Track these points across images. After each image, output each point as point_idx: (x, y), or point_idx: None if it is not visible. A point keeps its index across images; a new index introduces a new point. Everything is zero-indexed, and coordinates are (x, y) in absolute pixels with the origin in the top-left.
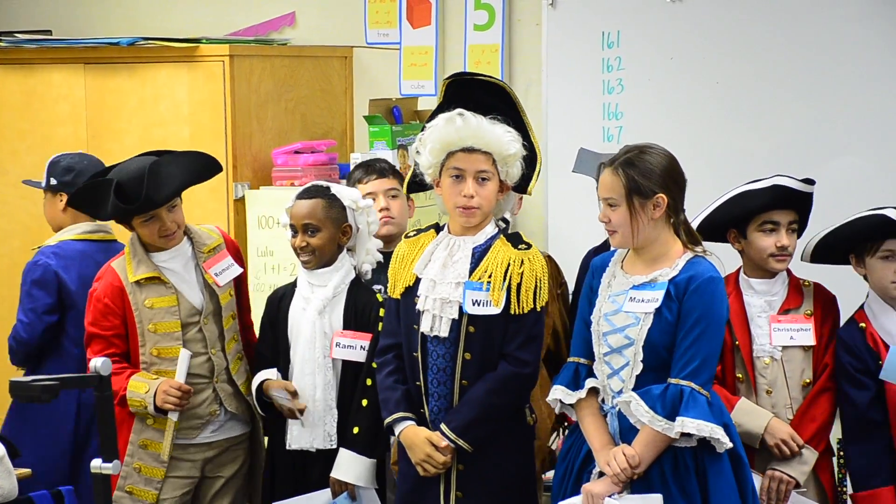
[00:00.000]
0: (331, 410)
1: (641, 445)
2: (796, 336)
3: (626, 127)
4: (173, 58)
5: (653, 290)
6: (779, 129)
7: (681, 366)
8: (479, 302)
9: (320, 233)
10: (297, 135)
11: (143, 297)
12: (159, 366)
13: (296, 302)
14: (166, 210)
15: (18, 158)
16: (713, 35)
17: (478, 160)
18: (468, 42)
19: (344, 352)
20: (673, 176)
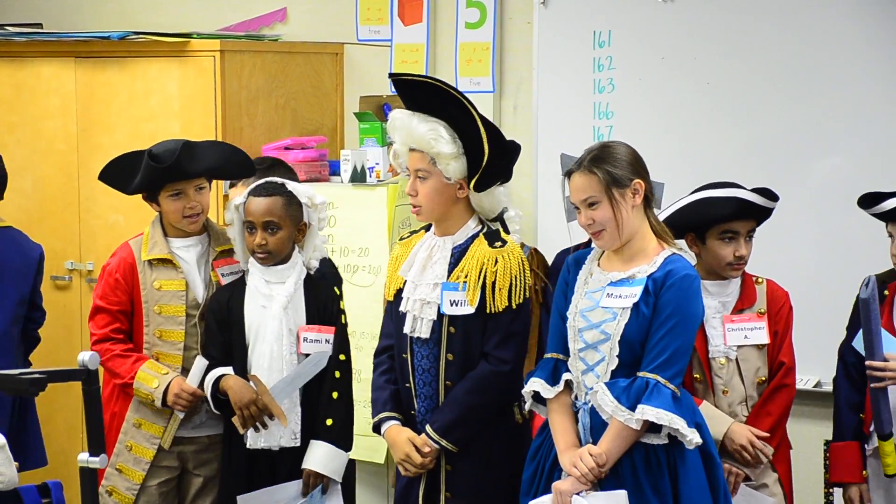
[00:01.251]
0: (296, 407)
1: (608, 441)
2: (750, 335)
3: (617, 126)
4: (164, 52)
5: (631, 287)
6: (769, 129)
7: (650, 358)
8: (455, 302)
9: (280, 231)
10: (288, 131)
11: (152, 278)
12: (160, 348)
13: (252, 301)
14: (194, 189)
15: (8, 152)
16: (704, 35)
17: (415, 159)
18: (459, 40)
19: (312, 346)
20: (640, 162)
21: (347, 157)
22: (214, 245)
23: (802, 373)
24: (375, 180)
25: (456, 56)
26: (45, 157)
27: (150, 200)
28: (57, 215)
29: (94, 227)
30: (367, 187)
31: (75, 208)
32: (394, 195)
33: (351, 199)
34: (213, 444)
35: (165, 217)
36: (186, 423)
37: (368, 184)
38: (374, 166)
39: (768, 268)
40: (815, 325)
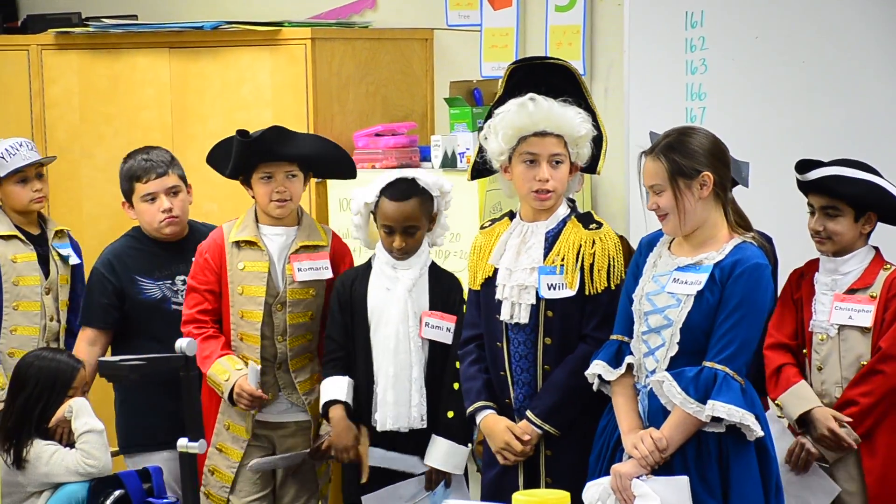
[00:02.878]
0: (422, 389)
1: (671, 428)
2: (855, 317)
3: (710, 107)
4: (256, 41)
5: (697, 273)
6: (866, 109)
7: (717, 350)
8: (554, 286)
9: (419, 231)
10: (378, 117)
11: (238, 259)
12: (243, 328)
13: (376, 283)
14: (284, 174)
15: (105, 142)
16: (798, 13)
17: (551, 144)
18: (549, 23)
19: (433, 332)
20: (716, 154)
21: (438, 142)
22: (298, 238)
23: None
24: (466, 165)
25: (546, 39)
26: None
27: (246, 185)
28: None
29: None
30: (457, 173)
31: None
32: (485, 180)
33: None
34: (300, 430)
35: (257, 201)
36: (272, 409)
37: (459, 169)
38: (464, 151)
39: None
40: None
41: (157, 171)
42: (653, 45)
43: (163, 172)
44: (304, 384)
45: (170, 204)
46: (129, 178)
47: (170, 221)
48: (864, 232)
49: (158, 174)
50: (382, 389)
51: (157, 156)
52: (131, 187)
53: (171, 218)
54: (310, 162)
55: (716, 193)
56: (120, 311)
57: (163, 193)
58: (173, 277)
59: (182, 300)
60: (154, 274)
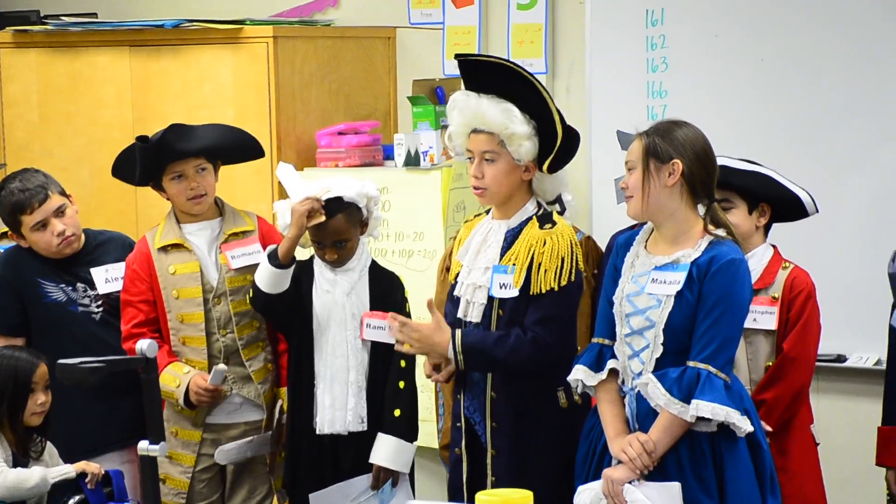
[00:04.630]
0: (361, 392)
1: (658, 430)
2: (759, 318)
3: (671, 105)
4: (217, 40)
5: (675, 272)
6: (825, 109)
7: (699, 348)
8: (504, 285)
9: (350, 241)
10: (341, 116)
11: (167, 264)
12: (185, 332)
13: (318, 285)
14: (194, 169)
15: (65, 141)
16: (758, 11)
17: (482, 141)
18: (511, 21)
19: (374, 332)
20: (697, 151)
21: (401, 141)
22: (225, 228)
23: (862, 351)
24: (429, 164)
25: (508, 38)
26: (101, 146)
27: (158, 189)
28: (114, 204)
29: (152, 216)
30: (420, 171)
31: (132, 197)
32: (448, 178)
33: (405, 183)
34: (251, 431)
35: (173, 202)
36: (221, 409)
37: (422, 168)
38: (427, 150)
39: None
40: (874, 303)
41: (37, 199)
42: (614, 43)
43: (44, 198)
44: (258, 373)
45: (62, 226)
46: (11, 212)
47: (67, 242)
48: (760, 225)
49: (40, 201)
50: (321, 393)
51: (31, 181)
52: (17, 221)
53: (66, 239)
54: (217, 152)
55: (685, 188)
56: (23, 315)
57: (51, 217)
58: (74, 283)
59: (87, 302)
60: (55, 278)
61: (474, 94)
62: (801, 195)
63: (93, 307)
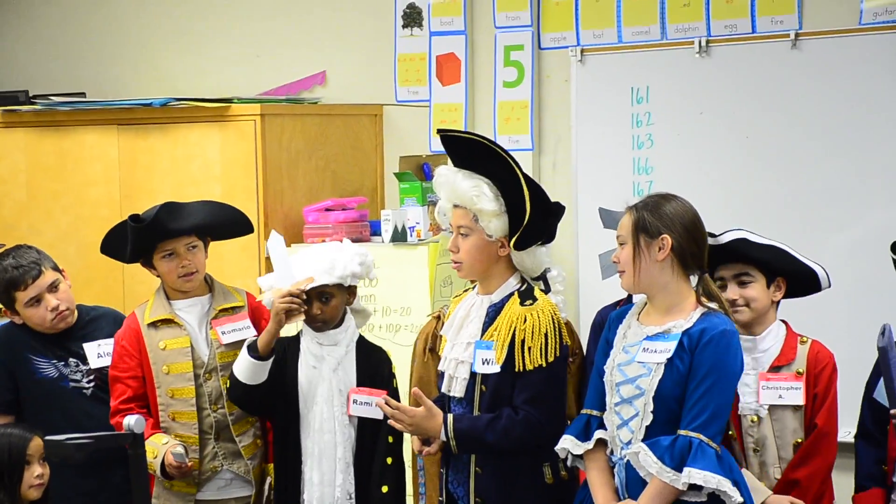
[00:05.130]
0: (349, 468)
1: (649, 498)
2: (785, 395)
3: (657, 181)
4: (205, 118)
5: (665, 342)
6: (810, 183)
7: (690, 417)
8: (487, 361)
9: (334, 299)
10: (328, 192)
11: (157, 339)
12: (175, 407)
13: (304, 360)
14: (185, 247)
15: (53, 219)
16: (742, 89)
17: (458, 215)
18: (497, 99)
19: (361, 409)
20: (686, 225)
21: (388, 216)
22: (215, 304)
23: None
24: (416, 239)
25: (494, 115)
26: (88, 224)
27: (148, 266)
28: (101, 281)
29: (139, 293)
30: (408, 247)
31: (119, 274)
32: (435, 254)
33: (392, 258)
34: None
35: (164, 280)
36: (211, 485)
37: (409, 243)
38: (414, 226)
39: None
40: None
41: (31, 275)
42: (600, 120)
43: (37, 273)
44: (248, 448)
45: (56, 301)
46: (6, 289)
47: (61, 317)
48: (775, 299)
49: (34, 277)
50: (308, 469)
51: (25, 258)
52: (11, 297)
53: (60, 314)
54: (207, 229)
55: (678, 262)
56: (14, 392)
57: (45, 293)
58: (67, 359)
59: (79, 377)
60: (47, 354)
61: (452, 169)
62: (816, 269)
63: (84, 382)
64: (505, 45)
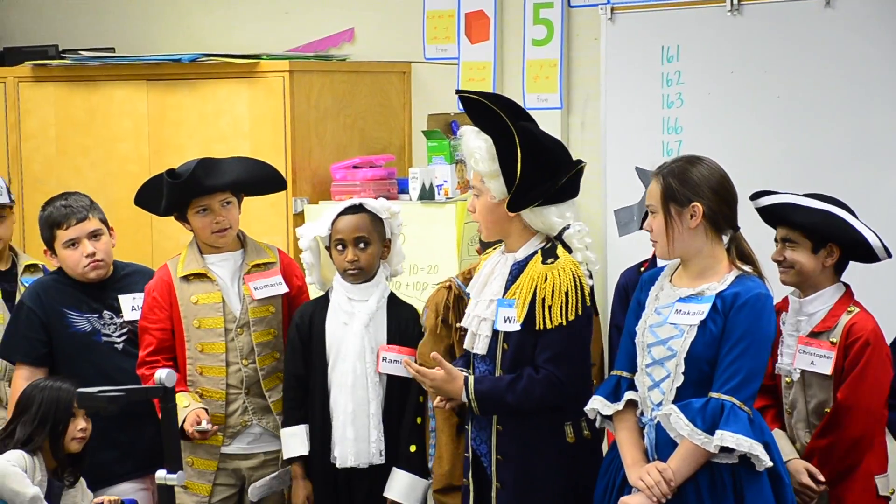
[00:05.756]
0: (380, 425)
1: (678, 460)
2: (817, 362)
3: (686, 141)
4: (234, 74)
5: (699, 304)
6: (840, 144)
7: (723, 380)
8: (509, 319)
9: (370, 247)
10: (356, 150)
11: (189, 293)
12: (203, 361)
13: (334, 317)
14: (219, 204)
15: (82, 174)
16: (774, 48)
17: (473, 176)
18: (526, 57)
19: (391, 366)
20: (714, 188)
21: (416, 174)
22: (248, 260)
23: None
24: (444, 198)
25: (523, 73)
26: (117, 180)
27: (182, 220)
28: (130, 237)
29: (167, 249)
30: (435, 205)
31: (148, 230)
32: (462, 212)
33: (419, 216)
34: (270, 461)
35: (197, 235)
36: (241, 439)
37: (437, 201)
38: (442, 184)
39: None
40: None
41: (77, 217)
42: (629, 79)
43: (83, 217)
44: (277, 404)
45: (93, 248)
46: (49, 225)
47: (94, 265)
48: (827, 265)
49: (79, 219)
50: (342, 426)
51: (76, 201)
52: (52, 235)
53: (95, 262)
54: (242, 186)
55: (711, 226)
56: (48, 345)
57: (85, 238)
58: (101, 312)
59: (111, 332)
60: (82, 307)
61: (469, 129)
62: (869, 238)
63: (115, 337)
64: (534, 2)
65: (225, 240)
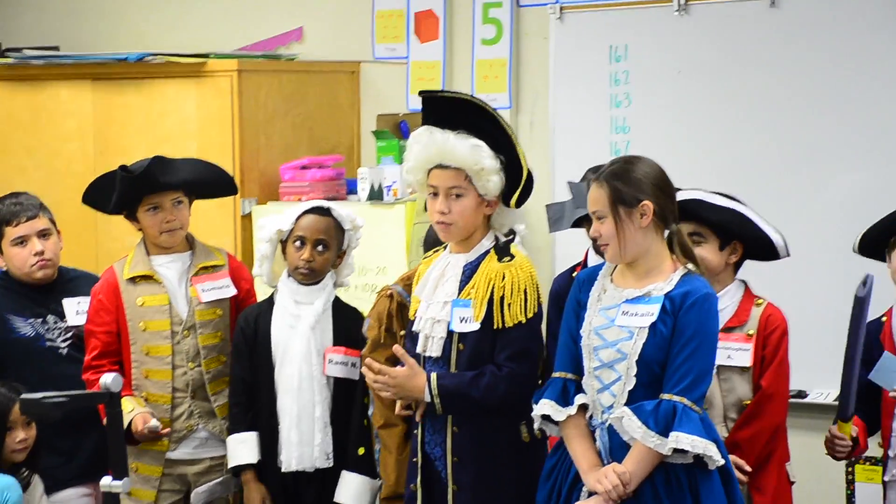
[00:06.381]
0: (327, 428)
1: (633, 462)
2: (734, 356)
3: (634, 140)
4: (181, 73)
5: (648, 304)
6: (788, 142)
7: (674, 381)
8: (465, 319)
9: (327, 252)
10: (305, 150)
11: (135, 295)
12: (148, 365)
13: (279, 320)
14: (171, 202)
15: (27, 175)
16: (720, 47)
17: (448, 176)
18: (476, 56)
19: (337, 368)
20: (659, 184)
21: (364, 175)
22: (196, 262)
23: (822, 387)
24: (393, 198)
25: (472, 72)
26: (62, 180)
27: (131, 219)
28: (74, 238)
29: (112, 250)
30: (384, 205)
31: (93, 231)
32: (412, 213)
33: (368, 217)
34: (216, 467)
35: (146, 234)
36: (186, 444)
37: (386, 202)
38: (391, 184)
39: (787, 281)
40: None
41: (27, 215)
42: (578, 78)
43: (33, 215)
44: (223, 408)
45: (41, 246)
46: None
47: (42, 264)
48: (731, 262)
49: (29, 217)
50: (286, 429)
51: (27, 199)
52: (1, 232)
53: (43, 261)
54: (195, 186)
55: (657, 223)
56: None
57: (34, 236)
58: (45, 316)
59: (54, 337)
60: (25, 312)
61: (439, 130)
62: (773, 238)
63: (59, 342)
64: (483, 1)
65: (174, 240)
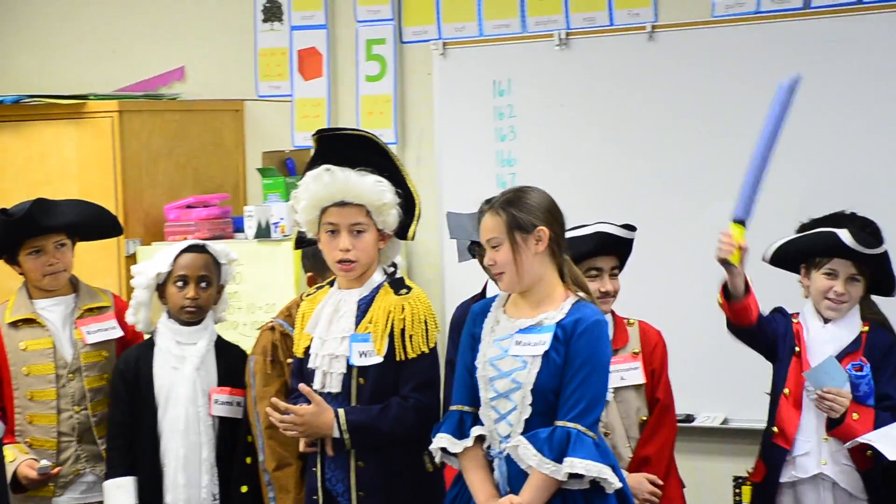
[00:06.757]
0: (213, 469)
1: (531, 491)
2: (626, 376)
3: (520, 173)
4: (60, 115)
5: (539, 334)
6: (667, 170)
7: (567, 408)
8: (365, 353)
9: (210, 288)
10: (190, 189)
11: (17, 340)
12: (32, 410)
13: (162, 362)
14: (53, 245)
15: None
16: (601, 81)
17: (350, 213)
18: (360, 93)
19: (223, 408)
20: (552, 212)
21: (251, 213)
22: (80, 304)
23: (709, 410)
24: (280, 235)
25: (357, 109)
26: None
27: (12, 263)
28: None
29: None
30: (272, 243)
31: None
32: (299, 250)
33: (256, 255)
34: None
35: (28, 277)
36: (74, 489)
37: (273, 239)
38: (278, 221)
39: (670, 304)
40: (720, 363)
41: None
42: (463, 113)
43: None
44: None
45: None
46: None
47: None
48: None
49: None
50: (173, 471)
51: None
52: None
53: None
54: (78, 228)
55: (551, 250)
56: None
57: None
58: None
59: None
60: None
61: (339, 168)
62: None
63: None
64: (367, 38)
65: (57, 283)
